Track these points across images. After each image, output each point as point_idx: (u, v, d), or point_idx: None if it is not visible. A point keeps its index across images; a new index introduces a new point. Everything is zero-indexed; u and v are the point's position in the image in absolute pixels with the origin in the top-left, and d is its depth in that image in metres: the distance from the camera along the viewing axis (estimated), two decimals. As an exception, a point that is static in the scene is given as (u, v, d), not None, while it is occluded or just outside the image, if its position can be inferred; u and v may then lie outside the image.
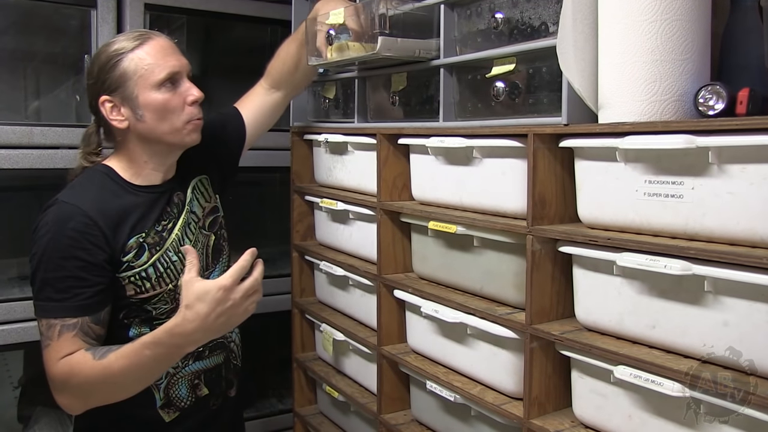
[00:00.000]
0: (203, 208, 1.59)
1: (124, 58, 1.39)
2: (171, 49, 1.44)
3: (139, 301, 1.43)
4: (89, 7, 2.20)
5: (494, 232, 1.42)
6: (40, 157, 2.11)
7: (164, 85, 1.40)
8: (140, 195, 1.46)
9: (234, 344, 1.63)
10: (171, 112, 1.42)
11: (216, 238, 1.60)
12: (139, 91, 1.39)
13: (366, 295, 1.90)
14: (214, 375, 1.56)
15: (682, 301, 1.10)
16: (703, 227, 1.07)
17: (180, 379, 1.49)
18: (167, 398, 1.48)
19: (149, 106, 1.40)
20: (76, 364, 1.31)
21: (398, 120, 1.81)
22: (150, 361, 1.29)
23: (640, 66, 1.14)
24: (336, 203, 1.96)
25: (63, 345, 1.32)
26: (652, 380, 1.10)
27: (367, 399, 1.90)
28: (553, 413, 1.36)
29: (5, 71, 2.34)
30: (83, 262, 1.34)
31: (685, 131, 1.06)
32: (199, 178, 1.61)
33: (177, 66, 1.42)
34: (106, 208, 1.39)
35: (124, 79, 1.39)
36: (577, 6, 1.24)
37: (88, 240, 1.34)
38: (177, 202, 1.53)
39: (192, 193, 1.57)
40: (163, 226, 1.48)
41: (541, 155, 1.30)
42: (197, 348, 1.44)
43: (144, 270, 1.43)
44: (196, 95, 1.44)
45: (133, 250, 1.41)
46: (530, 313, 1.32)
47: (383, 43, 1.59)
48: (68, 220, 1.34)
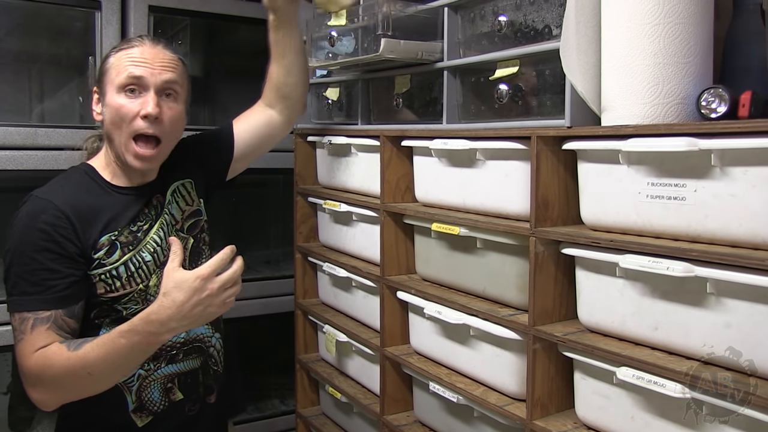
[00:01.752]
0: (183, 211, 1.57)
1: (112, 55, 1.44)
2: (152, 58, 1.41)
3: (110, 300, 1.42)
4: (93, 9, 2.21)
5: (497, 234, 1.43)
6: (44, 158, 2.12)
7: (125, 90, 1.39)
8: (116, 194, 1.46)
9: (214, 349, 1.59)
10: (122, 119, 1.39)
11: (195, 241, 1.58)
12: (108, 88, 1.41)
13: (369, 296, 1.91)
14: (190, 379, 1.52)
15: (685, 302, 1.10)
16: (705, 229, 1.07)
17: (152, 381, 1.47)
18: (139, 401, 1.45)
19: (109, 106, 1.41)
20: (51, 356, 1.30)
21: (402, 122, 1.82)
22: (125, 349, 1.28)
23: (642, 69, 1.15)
24: (339, 205, 1.96)
25: (37, 338, 1.32)
26: (654, 381, 1.11)
27: (369, 400, 1.90)
28: (555, 414, 1.36)
29: (10, 73, 2.35)
30: (55, 254, 1.34)
31: (688, 134, 1.07)
32: (181, 182, 1.59)
33: (141, 74, 1.39)
34: (79, 204, 1.40)
35: (103, 73, 1.43)
36: (581, 9, 1.25)
37: (59, 233, 1.35)
38: (156, 204, 1.51)
39: (171, 195, 1.55)
40: (139, 227, 1.47)
41: (544, 157, 1.31)
42: (171, 350, 1.47)
43: (115, 268, 1.41)
44: (148, 110, 1.38)
45: (104, 248, 1.40)
46: (533, 314, 1.32)
47: (386, 45, 1.59)
48: (40, 213, 1.35)
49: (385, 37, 1.60)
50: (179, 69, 1.47)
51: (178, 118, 1.46)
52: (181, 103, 1.47)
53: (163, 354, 1.47)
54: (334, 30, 1.78)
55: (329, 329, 2.06)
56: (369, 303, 1.91)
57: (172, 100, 1.44)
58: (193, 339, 1.52)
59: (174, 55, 1.47)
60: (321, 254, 2.12)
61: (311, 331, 2.30)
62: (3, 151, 2.06)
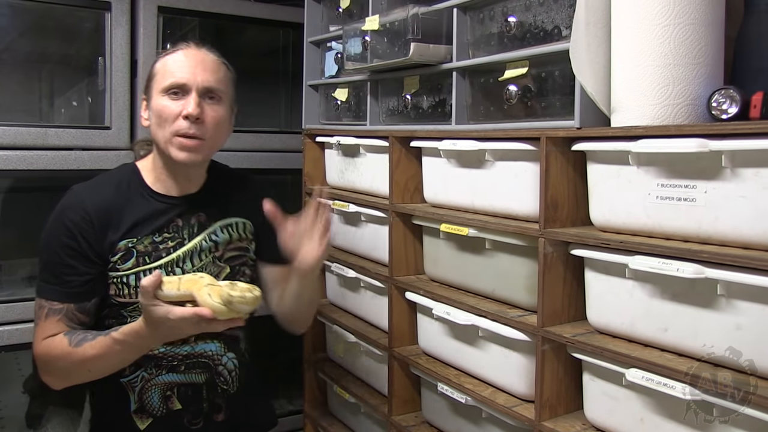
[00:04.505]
0: (229, 242, 1.55)
1: (158, 61, 1.47)
2: (193, 62, 1.43)
3: (118, 304, 1.45)
4: (103, 10, 2.22)
5: (506, 235, 1.43)
6: (55, 158, 2.12)
7: (168, 93, 1.42)
8: (151, 199, 1.47)
9: (224, 368, 1.55)
10: (165, 120, 1.41)
11: (230, 272, 1.54)
12: (154, 92, 1.44)
13: (377, 297, 1.91)
14: (191, 392, 1.51)
15: (695, 304, 1.10)
16: (715, 231, 1.07)
17: (153, 386, 1.49)
18: (140, 403, 1.48)
19: (154, 109, 1.43)
20: (54, 348, 1.37)
21: (410, 123, 1.82)
22: (121, 353, 1.35)
23: (653, 70, 1.15)
24: (348, 205, 1.96)
25: (48, 327, 1.40)
26: (664, 383, 1.10)
27: (377, 400, 1.90)
28: (564, 416, 1.36)
29: (21, 73, 2.36)
30: (74, 251, 1.40)
31: (698, 135, 1.06)
32: (243, 221, 1.58)
33: (184, 78, 1.41)
34: (108, 206, 1.43)
35: (149, 79, 1.47)
36: (591, 10, 1.25)
37: (80, 233, 1.40)
38: (194, 224, 1.50)
39: (224, 227, 1.54)
40: (164, 239, 1.46)
41: (553, 158, 1.30)
42: (172, 361, 1.48)
43: (126, 276, 1.43)
44: (189, 110, 1.39)
45: (120, 253, 1.43)
46: (542, 315, 1.32)
47: (416, 49, 1.59)
48: (68, 210, 1.42)
49: (415, 41, 1.60)
50: (221, 72, 1.48)
51: (220, 120, 1.46)
52: (224, 105, 1.47)
53: (164, 362, 1.48)
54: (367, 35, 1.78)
55: (337, 329, 2.06)
56: (377, 303, 1.91)
57: (215, 103, 1.45)
58: (198, 354, 1.51)
59: (217, 58, 1.49)
60: (329, 255, 2.11)
61: (319, 331, 2.30)
62: (14, 151, 2.07)
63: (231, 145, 2.41)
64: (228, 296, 1.23)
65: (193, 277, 1.28)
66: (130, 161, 1.58)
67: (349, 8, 2.06)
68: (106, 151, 2.20)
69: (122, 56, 2.23)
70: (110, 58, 2.22)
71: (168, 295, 1.25)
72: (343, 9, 2.09)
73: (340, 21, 2.10)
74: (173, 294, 1.25)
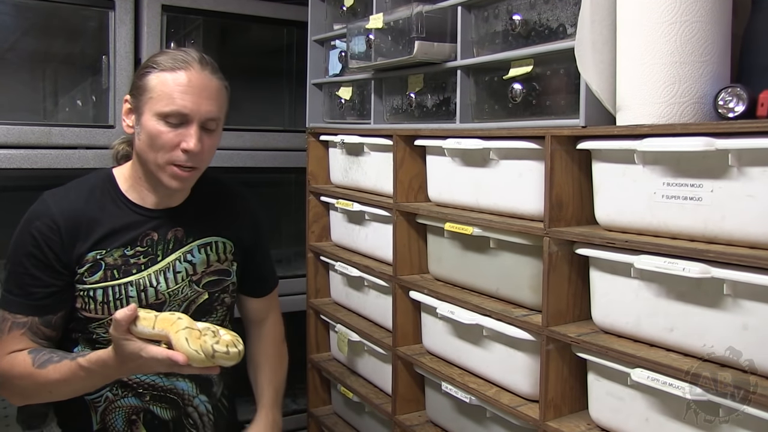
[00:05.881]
0: (207, 265, 1.48)
1: (152, 73, 1.34)
2: (197, 89, 1.33)
3: (84, 318, 1.39)
4: (107, 9, 2.22)
5: (511, 234, 1.42)
6: (58, 157, 2.13)
7: (166, 119, 1.31)
8: (125, 209, 1.41)
9: (195, 412, 1.49)
10: (160, 147, 1.32)
11: (209, 299, 1.47)
12: (145, 110, 1.33)
13: (381, 296, 1.90)
14: (157, 422, 1.45)
15: (701, 304, 1.09)
16: (722, 230, 1.06)
17: (117, 408, 1.43)
18: (103, 424, 1.42)
19: (146, 128, 1.33)
20: (16, 366, 1.31)
21: (415, 121, 1.81)
22: (85, 380, 1.28)
23: (659, 68, 1.14)
24: (352, 204, 1.96)
25: (11, 341, 1.33)
26: (669, 383, 1.10)
27: (381, 400, 1.90)
28: (569, 416, 1.35)
29: (25, 72, 2.36)
30: (39, 261, 1.34)
31: (705, 134, 1.06)
32: (223, 240, 1.51)
33: (188, 109, 1.31)
34: (78, 215, 1.37)
35: (142, 91, 1.35)
36: (596, 8, 1.24)
37: (46, 243, 1.34)
38: (170, 239, 1.44)
39: (202, 246, 1.47)
40: (136, 253, 1.40)
41: (558, 157, 1.30)
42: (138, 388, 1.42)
43: (92, 289, 1.37)
44: (190, 146, 1.31)
45: (88, 264, 1.36)
46: (546, 315, 1.32)
47: (420, 47, 1.59)
48: (35, 219, 1.36)
49: (419, 39, 1.60)
50: (222, 98, 1.39)
51: (215, 145, 1.40)
52: (220, 129, 1.40)
53: (130, 386, 1.42)
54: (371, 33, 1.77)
55: (341, 329, 2.06)
56: (381, 302, 1.91)
57: (213, 130, 1.37)
58: (167, 389, 1.45)
59: (221, 83, 1.39)
60: (333, 253, 2.12)
61: (323, 331, 2.30)
62: (17, 149, 2.07)
63: (235, 144, 2.42)
64: (210, 350, 1.16)
65: (170, 317, 1.20)
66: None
67: (353, 6, 2.06)
68: (109, 149, 2.19)
69: (126, 55, 2.23)
70: (114, 56, 2.22)
71: (142, 332, 1.18)
72: (347, 7, 2.09)
73: (344, 19, 2.10)
74: (147, 332, 1.18)
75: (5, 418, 2.39)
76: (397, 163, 1.75)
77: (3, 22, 2.25)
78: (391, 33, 1.74)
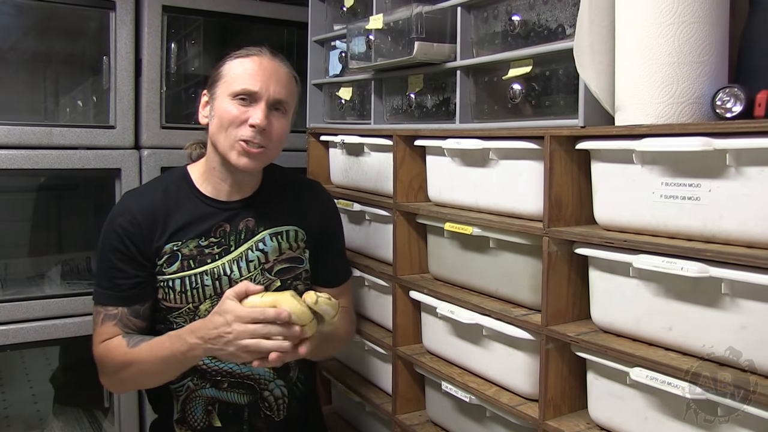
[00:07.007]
0: (279, 252, 1.54)
1: (227, 62, 1.47)
2: (267, 72, 1.43)
3: (165, 309, 1.48)
4: (108, 9, 2.22)
5: (510, 234, 1.43)
6: (59, 157, 2.13)
7: (237, 99, 1.41)
8: (199, 203, 1.49)
9: (270, 395, 1.55)
10: (229, 125, 1.41)
11: (281, 286, 1.53)
12: (219, 93, 1.44)
13: (381, 295, 1.91)
14: (231, 411, 1.52)
15: (699, 303, 1.10)
16: (720, 229, 1.07)
17: (197, 397, 1.52)
18: (182, 413, 1.51)
19: (218, 111, 1.43)
20: (112, 350, 1.42)
21: (415, 121, 1.82)
22: (167, 353, 1.35)
23: (657, 68, 1.14)
24: (352, 204, 1.96)
25: (104, 331, 1.44)
26: (668, 383, 1.10)
27: (382, 399, 1.90)
28: (568, 415, 1.36)
29: (25, 72, 2.37)
30: (123, 255, 1.44)
31: (703, 133, 1.06)
32: (295, 229, 1.57)
33: (256, 87, 1.41)
34: (156, 210, 1.46)
35: (217, 79, 1.46)
36: (595, 8, 1.24)
37: (128, 238, 1.44)
38: (241, 229, 1.51)
39: (273, 235, 1.54)
40: (210, 243, 1.48)
41: (557, 157, 1.30)
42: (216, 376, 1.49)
43: (171, 280, 1.46)
44: (256, 121, 1.40)
45: (166, 256, 1.46)
46: (546, 314, 1.32)
47: (420, 47, 1.60)
48: (118, 217, 1.46)
49: (419, 40, 1.60)
50: (291, 86, 1.49)
51: (283, 132, 1.48)
52: (288, 118, 1.50)
53: (208, 376, 1.50)
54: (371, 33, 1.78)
55: (341, 328, 2.06)
56: (381, 302, 1.91)
57: (281, 115, 1.47)
58: (244, 375, 1.52)
59: (289, 71, 1.49)
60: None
61: (323, 330, 2.30)
62: (19, 150, 2.08)
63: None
64: (314, 296, 1.31)
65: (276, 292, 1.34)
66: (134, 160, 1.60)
67: (353, 7, 2.06)
68: (110, 150, 2.20)
69: (127, 55, 2.24)
70: (115, 57, 2.23)
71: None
72: (347, 8, 2.09)
73: (344, 20, 2.10)
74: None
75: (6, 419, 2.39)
76: (397, 163, 1.75)
77: (4, 23, 2.26)
78: (391, 33, 1.74)
